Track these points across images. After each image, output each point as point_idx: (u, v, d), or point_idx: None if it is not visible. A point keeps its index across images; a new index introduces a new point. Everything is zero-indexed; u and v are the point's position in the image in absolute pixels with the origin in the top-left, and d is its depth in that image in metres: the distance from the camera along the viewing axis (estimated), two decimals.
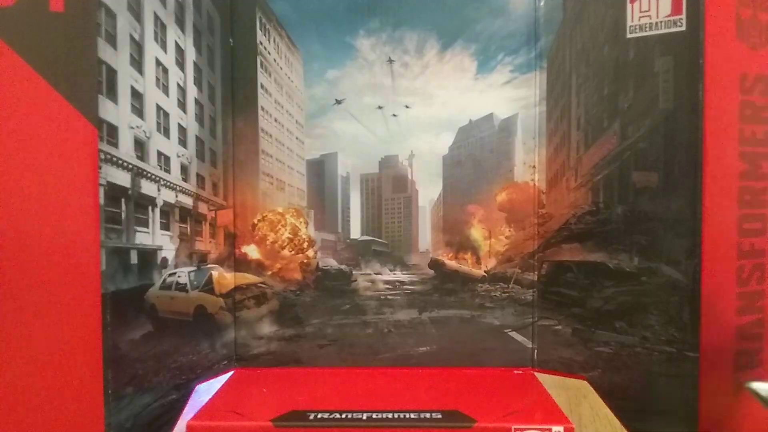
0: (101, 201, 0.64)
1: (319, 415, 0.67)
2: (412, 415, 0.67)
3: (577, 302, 0.86)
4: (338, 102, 0.87)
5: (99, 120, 0.64)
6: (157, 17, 0.74)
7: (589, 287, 0.85)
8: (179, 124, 0.79)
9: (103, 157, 0.64)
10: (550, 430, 0.66)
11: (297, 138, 0.90)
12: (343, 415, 0.67)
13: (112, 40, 0.65)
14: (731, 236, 0.78)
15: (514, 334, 0.90)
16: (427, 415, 0.67)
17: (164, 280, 0.76)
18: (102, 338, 0.64)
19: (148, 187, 0.73)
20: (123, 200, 0.68)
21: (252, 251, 0.89)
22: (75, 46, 0.62)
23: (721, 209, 0.77)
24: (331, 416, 0.66)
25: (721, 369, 0.79)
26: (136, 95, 0.71)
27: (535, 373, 0.87)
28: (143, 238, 0.72)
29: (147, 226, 0.73)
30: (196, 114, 0.82)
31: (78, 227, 0.63)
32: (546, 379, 0.85)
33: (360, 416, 0.66)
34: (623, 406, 0.81)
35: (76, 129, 0.62)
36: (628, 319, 0.82)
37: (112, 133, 0.66)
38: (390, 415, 0.67)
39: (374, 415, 0.66)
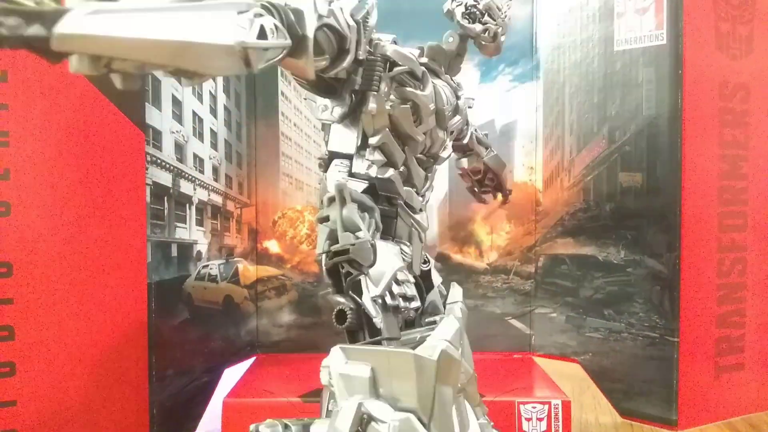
0: (147, 199, 0.68)
1: None
2: None
3: (571, 292, 0.91)
4: None
5: (146, 125, 0.68)
6: None
7: (581, 278, 0.90)
8: (211, 129, 0.84)
9: (149, 159, 0.69)
10: (550, 403, 0.72)
11: (314, 141, 0.93)
12: None
13: None
14: (711, 231, 0.81)
15: (514, 322, 0.94)
16: None
17: (199, 272, 0.80)
18: (147, 324, 0.68)
19: (185, 187, 0.77)
20: (165, 198, 0.73)
21: (273, 246, 0.94)
22: None
23: (700, 206, 0.80)
24: None
25: (700, 353, 0.82)
26: (176, 103, 0.75)
27: (533, 357, 0.91)
28: (182, 233, 0.77)
29: (185, 222, 0.77)
30: (225, 119, 0.87)
31: (128, 222, 0.67)
32: (545, 365, 0.88)
33: None
34: (611, 387, 0.86)
35: (126, 134, 0.66)
36: (615, 307, 0.86)
37: (156, 137, 0.71)
38: None
39: None
